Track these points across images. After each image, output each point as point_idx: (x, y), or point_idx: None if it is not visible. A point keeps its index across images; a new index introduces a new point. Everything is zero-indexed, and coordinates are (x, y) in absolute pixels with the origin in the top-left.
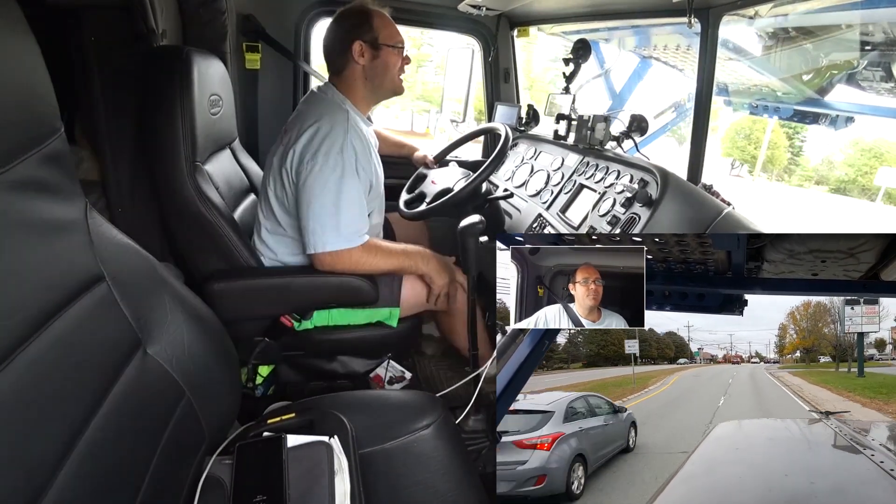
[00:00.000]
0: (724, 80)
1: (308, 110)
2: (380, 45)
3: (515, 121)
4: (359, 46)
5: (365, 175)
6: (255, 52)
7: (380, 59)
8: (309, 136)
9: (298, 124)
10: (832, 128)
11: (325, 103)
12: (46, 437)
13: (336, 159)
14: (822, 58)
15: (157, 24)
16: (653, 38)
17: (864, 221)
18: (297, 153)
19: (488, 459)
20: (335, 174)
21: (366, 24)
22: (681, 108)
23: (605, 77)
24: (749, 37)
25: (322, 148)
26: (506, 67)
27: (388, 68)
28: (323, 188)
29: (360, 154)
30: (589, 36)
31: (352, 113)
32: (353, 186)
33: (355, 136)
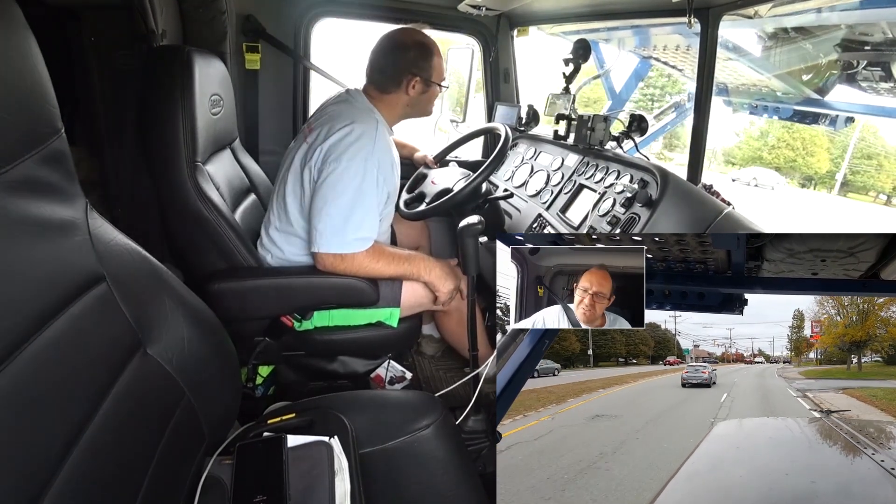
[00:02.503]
0: (724, 81)
1: (340, 112)
2: (432, 83)
3: (515, 121)
4: (413, 81)
5: (385, 186)
6: (255, 52)
7: (427, 95)
8: (339, 136)
9: (329, 124)
10: (832, 128)
11: (357, 109)
12: (46, 437)
13: (360, 165)
14: (821, 57)
15: (157, 24)
16: (653, 39)
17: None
18: (324, 151)
19: (488, 459)
20: (356, 179)
21: (426, 62)
22: (681, 108)
23: (604, 77)
24: (749, 37)
25: (349, 151)
26: (506, 67)
27: (431, 101)
28: (341, 192)
29: (383, 165)
30: (589, 36)
31: (381, 123)
32: (371, 194)
33: (383, 147)
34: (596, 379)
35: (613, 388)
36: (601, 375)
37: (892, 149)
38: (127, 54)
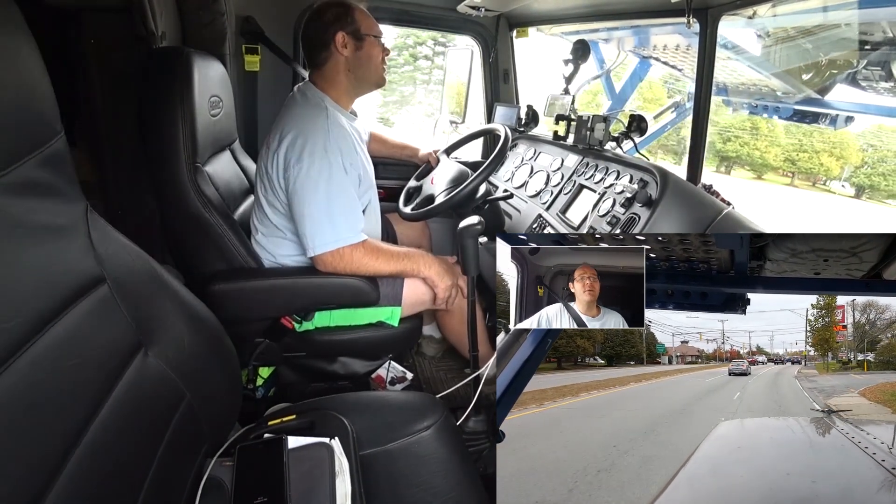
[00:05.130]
0: (724, 80)
1: (286, 115)
2: (363, 35)
3: (515, 121)
4: (342, 38)
5: (353, 170)
6: (255, 53)
7: (363, 51)
8: (290, 140)
9: (279, 129)
10: (832, 127)
11: (302, 105)
12: (47, 439)
13: (322, 160)
14: (821, 57)
15: (157, 26)
16: (652, 39)
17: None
18: (282, 158)
19: (489, 460)
20: (323, 175)
21: (347, 16)
22: (681, 108)
23: (604, 77)
24: (748, 36)
25: (305, 150)
26: (505, 68)
27: (372, 59)
28: (313, 191)
29: (344, 150)
30: (588, 36)
31: (331, 109)
32: (343, 184)
33: (337, 133)
34: (596, 379)
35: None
36: (603, 376)
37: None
38: (126, 56)
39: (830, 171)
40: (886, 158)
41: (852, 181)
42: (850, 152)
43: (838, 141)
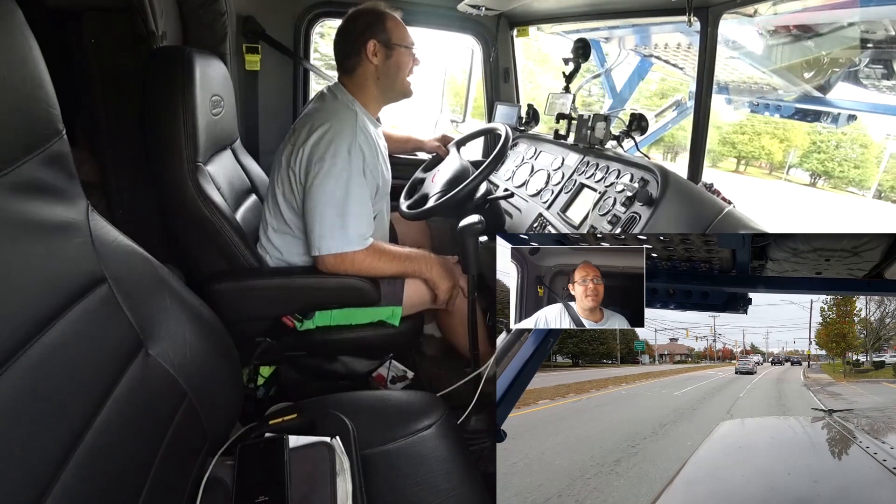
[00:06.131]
0: (725, 79)
1: (318, 110)
2: (393, 45)
3: (515, 120)
4: (372, 45)
5: (372, 177)
6: (255, 53)
7: (392, 60)
8: (318, 136)
9: (308, 124)
10: (833, 125)
11: (335, 104)
12: (48, 439)
13: (344, 161)
14: (823, 55)
15: (158, 25)
16: (653, 37)
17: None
18: (306, 154)
19: (490, 460)
20: (343, 176)
21: (379, 24)
22: (681, 108)
23: (605, 76)
24: (749, 34)
25: (330, 149)
26: (506, 67)
27: (400, 69)
28: (332, 190)
29: (367, 156)
30: (589, 35)
31: (360, 114)
32: (360, 189)
33: (363, 138)
34: (595, 379)
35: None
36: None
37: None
38: (127, 56)
39: (773, 156)
40: (842, 143)
41: (804, 167)
42: (796, 135)
43: (782, 123)
